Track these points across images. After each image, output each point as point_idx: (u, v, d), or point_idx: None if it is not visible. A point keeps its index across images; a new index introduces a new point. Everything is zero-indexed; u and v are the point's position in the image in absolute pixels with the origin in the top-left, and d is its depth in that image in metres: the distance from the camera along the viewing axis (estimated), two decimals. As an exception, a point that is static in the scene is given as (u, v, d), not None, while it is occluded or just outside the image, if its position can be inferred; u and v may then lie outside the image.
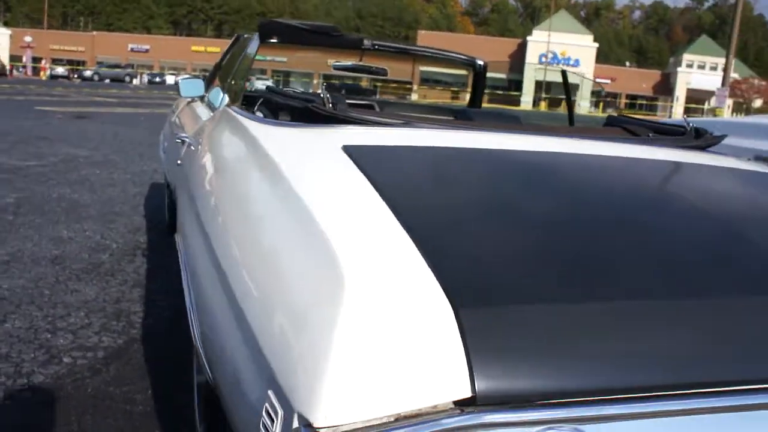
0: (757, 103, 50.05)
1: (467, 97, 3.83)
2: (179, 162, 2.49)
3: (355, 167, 1.24)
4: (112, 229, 4.14)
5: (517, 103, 49.11)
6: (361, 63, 3.36)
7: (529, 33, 60.74)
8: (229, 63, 3.23)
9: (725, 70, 21.61)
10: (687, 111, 52.06)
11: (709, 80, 53.65)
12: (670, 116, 49.82)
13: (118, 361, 2.38)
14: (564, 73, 2.92)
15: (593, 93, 61.41)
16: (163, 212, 4.45)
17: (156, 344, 2.55)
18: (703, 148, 2.05)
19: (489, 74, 3.61)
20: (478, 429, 0.74)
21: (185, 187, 1.96)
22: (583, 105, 56.30)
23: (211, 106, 2.98)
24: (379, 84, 11.02)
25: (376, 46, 3.13)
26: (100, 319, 2.73)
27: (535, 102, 53.48)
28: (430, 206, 1.17)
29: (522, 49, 57.21)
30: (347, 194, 1.15)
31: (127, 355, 2.44)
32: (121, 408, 2.07)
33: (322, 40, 3.00)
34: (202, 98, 3.23)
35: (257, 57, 2.82)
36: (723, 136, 2.15)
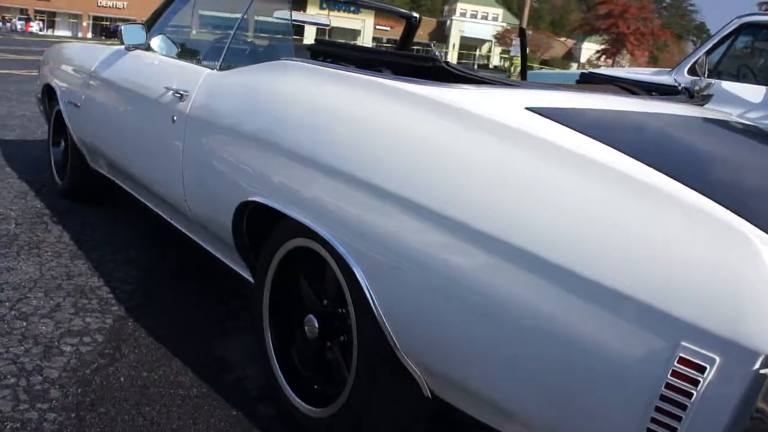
0: (524, 51, 54.74)
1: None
2: (175, 118, 2.24)
3: (586, 135, 1.26)
4: (-5, 194, 3.59)
5: (302, 47, 48.79)
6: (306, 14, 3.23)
7: (311, -24, 60.31)
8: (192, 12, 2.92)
9: (520, 22, 23.38)
10: (461, 57, 55.44)
11: (481, 29, 57.48)
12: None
13: (125, 343, 2.13)
14: (522, 31, 3.04)
15: (374, 39, 62.93)
16: (42, 171, 3.97)
17: (148, 317, 2.32)
18: (702, 105, 2.30)
19: (272, 19, 3.29)
20: None
21: (258, 155, 1.77)
22: (364, 50, 57.45)
23: (168, 56, 2.72)
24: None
25: None
26: (66, 299, 2.40)
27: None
28: (693, 171, 1.24)
29: (304, -8, 56.54)
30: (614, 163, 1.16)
31: (128, 334, 2.19)
32: (175, 393, 1.89)
33: None
34: (139, 47, 2.90)
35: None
36: (710, 96, 2.42)
